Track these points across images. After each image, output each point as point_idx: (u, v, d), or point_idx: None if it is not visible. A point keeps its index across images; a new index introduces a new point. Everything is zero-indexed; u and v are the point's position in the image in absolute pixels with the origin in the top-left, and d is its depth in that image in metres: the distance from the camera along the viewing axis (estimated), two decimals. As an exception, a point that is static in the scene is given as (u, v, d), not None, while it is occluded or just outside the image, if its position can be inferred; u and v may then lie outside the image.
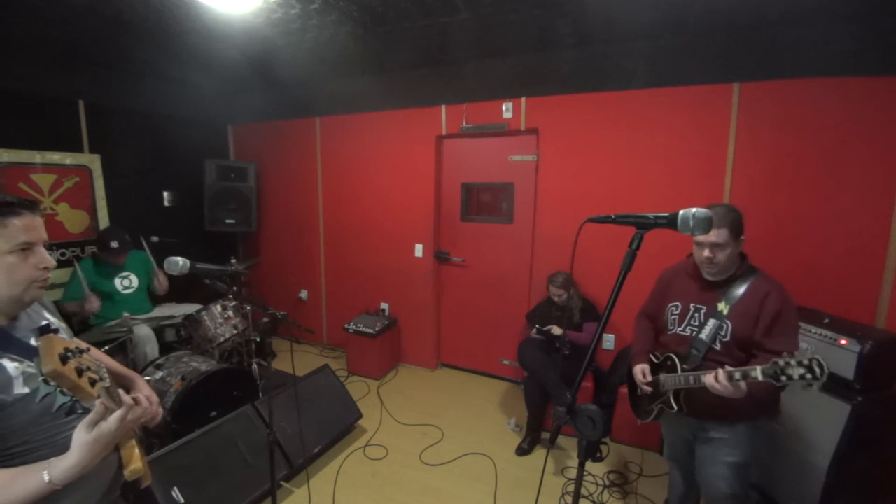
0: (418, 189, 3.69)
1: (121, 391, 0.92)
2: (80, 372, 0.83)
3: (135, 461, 0.97)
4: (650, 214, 1.03)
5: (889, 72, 2.24)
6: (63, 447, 0.96)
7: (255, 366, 3.14)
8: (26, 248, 0.96)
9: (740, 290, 1.52)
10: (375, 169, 3.86)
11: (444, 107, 3.49)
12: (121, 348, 2.71)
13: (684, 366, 1.55)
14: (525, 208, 3.42)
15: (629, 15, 2.31)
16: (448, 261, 3.79)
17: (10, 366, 0.94)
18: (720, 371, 1.37)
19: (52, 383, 0.80)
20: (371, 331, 3.61)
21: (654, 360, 1.71)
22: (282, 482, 2.34)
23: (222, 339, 2.90)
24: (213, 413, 2.40)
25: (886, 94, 2.26)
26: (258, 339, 3.33)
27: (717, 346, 1.53)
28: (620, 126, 2.92)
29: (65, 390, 0.82)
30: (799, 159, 2.50)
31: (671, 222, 0.99)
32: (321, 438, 2.61)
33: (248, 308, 3.03)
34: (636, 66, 2.80)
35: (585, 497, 2.34)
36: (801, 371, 1.18)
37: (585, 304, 2.98)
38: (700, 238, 1.50)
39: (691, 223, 0.97)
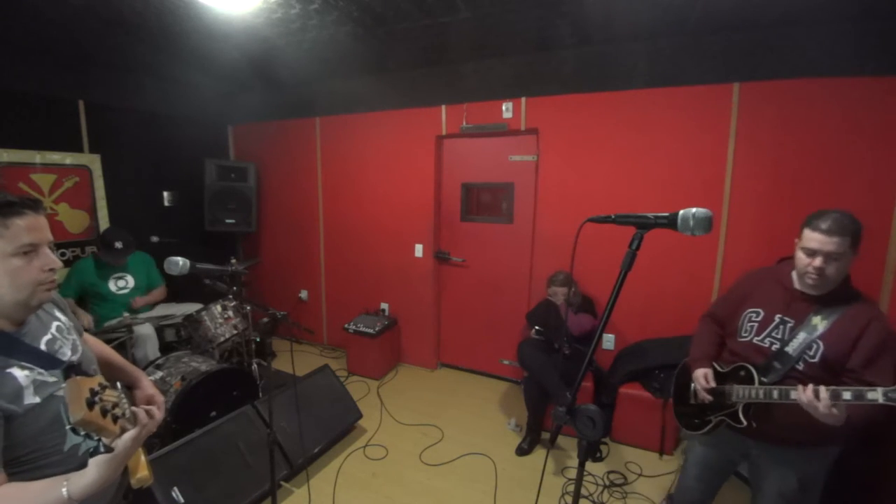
0: (418, 189, 3.69)
1: (137, 410, 0.90)
2: (104, 412, 0.81)
3: (142, 469, 0.97)
4: (650, 214, 1.03)
5: (889, 72, 2.24)
6: (71, 455, 0.95)
7: (255, 366, 3.14)
8: (30, 250, 0.92)
9: (839, 309, 1.34)
10: (375, 169, 3.86)
11: (444, 107, 3.49)
12: (120, 348, 2.71)
13: (763, 378, 1.40)
14: (525, 208, 3.42)
15: (629, 15, 2.31)
16: (448, 261, 3.79)
17: (21, 374, 0.90)
18: (821, 387, 1.20)
19: (81, 431, 0.79)
20: (371, 331, 3.61)
21: (720, 368, 1.56)
22: (282, 482, 2.34)
23: (222, 338, 2.90)
24: (213, 413, 2.40)
25: (886, 94, 2.26)
26: (258, 339, 3.33)
27: (801, 366, 1.36)
28: (620, 126, 2.92)
29: (91, 434, 0.80)
30: (799, 159, 2.50)
31: (671, 222, 0.99)
32: (321, 438, 2.61)
33: (248, 308, 3.03)
34: (636, 66, 2.80)
35: (585, 497, 2.33)
36: None
37: (585, 302, 2.99)
38: (815, 244, 1.31)
39: (691, 223, 0.96)
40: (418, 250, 3.78)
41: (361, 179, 3.94)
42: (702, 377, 1.55)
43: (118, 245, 2.91)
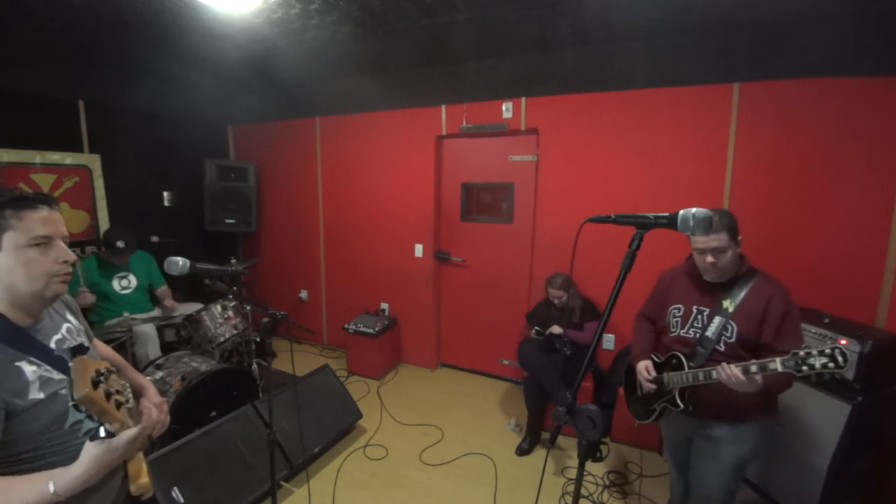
0: (418, 189, 3.69)
1: (141, 408, 0.90)
2: (108, 395, 0.81)
3: (143, 476, 0.97)
4: (650, 214, 1.03)
5: (889, 72, 2.24)
6: (73, 456, 0.94)
7: (255, 366, 3.14)
8: (45, 242, 0.95)
9: (743, 290, 1.53)
10: (375, 169, 3.86)
11: (444, 107, 3.49)
12: (121, 348, 2.71)
13: (691, 363, 1.56)
14: (525, 208, 3.42)
15: (629, 15, 2.31)
16: (448, 261, 3.79)
17: (29, 369, 0.92)
18: (732, 365, 1.38)
19: (83, 409, 0.79)
20: (371, 331, 3.61)
21: (657, 359, 1.71)
22: (282, 482, 2.34)
23: (222, 338, 2.90)
24: (213, 413, 2.40)
25: (886, 94, 2.26)
26: (258, 339, 3.33)
27: (721, 347, 1.53)
28: (620, 126, 2.92)
29: (93, 415, 0.80)
30: (799, 159, 2.50)
31: (671, 222, 0.99)
32: (321, 438, 2.61)
33: (248, 308, 3.02)
34: (636, 66, 2.80)
35: (585, 497, 2.33)
36: (824, 360, 1.21)
37: (585, 304, 2.98)
38: (700, 245, 1.51)
39: (691, 223, 0.97)
40: (418, 250, 3.78)
41: (361, 179, 3.94)
42: (643, 370, 1.70)
43: (120, 244, 2.93)
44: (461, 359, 3.94)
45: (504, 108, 3.28)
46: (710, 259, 1.51)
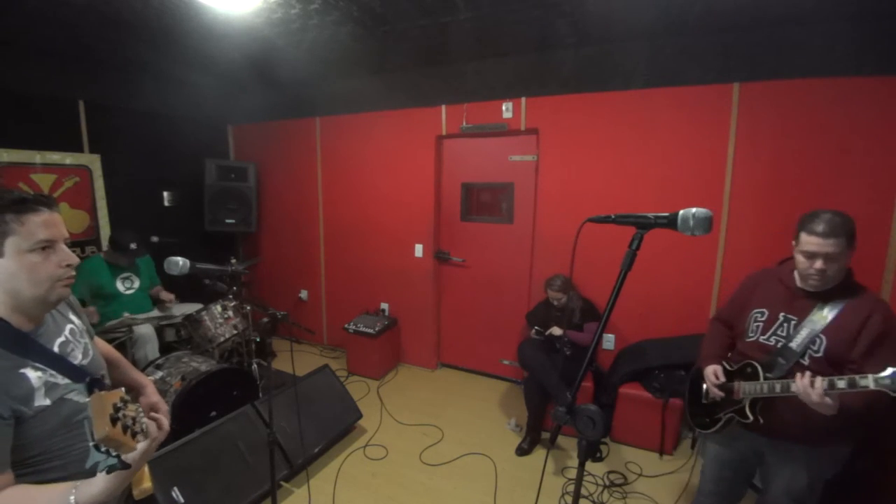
0: (418, 189, 3.69)
1: (149, 423, 0.88)
2: (125, 429, 0.80)
3: (145, 480, 0.97)
4: (650, 214, 1.03)
5: (889, 72, 2.24)
6: (77, 459, 0.94)
7: (255, 366, 3.14)
8: (47, 246, 0.94)
9: (841, 304, 1.38)
10: (375, 169, 3.86)
11: (444, 107, 3.49)
12: (120, 349, 2.70)
13: (768, 374, 1.44)
14: (525, 208, 3.42)
15: (629, 15, 2.31)
16: (448, 261, 3.79)
17: (33, 375, 0.91)
18: (817, 377, 1.24)
19: (103, 448, 0.78)
20: (371, 331, 3.61)
21: (728, 367, 1.59)
22: (282, 482, 2.34)
23: (222, 338, 2.90)
24: (213, 413, 2.40)
25: (886, 94, 2.26)
26: (258, 339, 3.33)
27: (806, 361, 1.39)
28: (620, 126, 2.92)
29: (111, 451, 0.79)
30: (799, 159, 2.50)
31: (671, 222, 0.99)
32: (321, 438, 2.61)
33: (248, 308, 3.02)
34: (636, 66, 2.80)
35: (585, 497, 2.33)
36: None
37: (586, 304, 2.98)
38: (813, 247, 1.34)
39: (691, 223, 0.97)
40: (418, 250, 3.78)
41: (361, 179, 3.94)
42: (711, 374, 1.59)
43: (133, 246, 2.95)
44: (461, 359, 3.94)
45: (504, 108, 3.28)
46: (819, 265, 1.34)
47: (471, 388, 3.63)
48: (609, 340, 3.16)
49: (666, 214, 1.00)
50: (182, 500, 1.88)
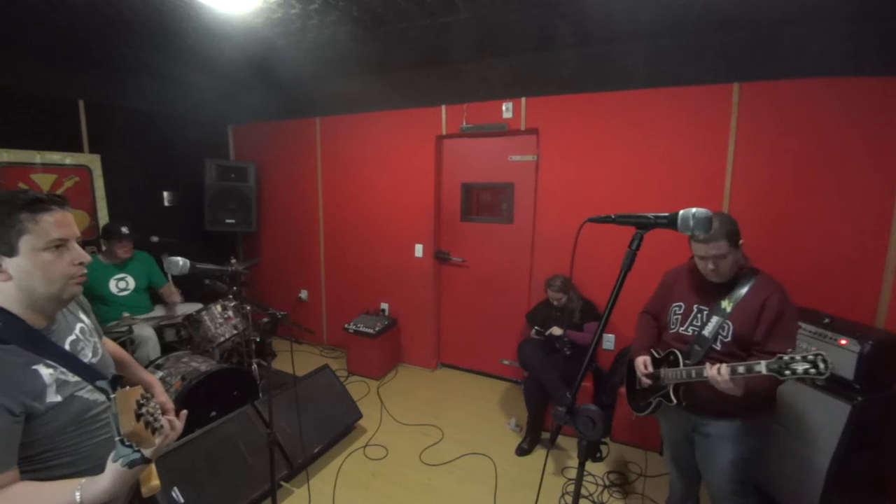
0: (418, 189, 3.69)
1: (164, 422, 0.89)
2: (147, 425, 0.82)
3: (153, 478, 0.97)
4: (650, 214, 1.03)
5: (889, 72, 2.24)
6: (86, 456, 0.95)
7: (255, 366, 3.14)
8: (60, 245, 0.96)
9: (742, 290, 1.55)
10: (375, 169, 3.86)
11: (444, 107, 3.49)
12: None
13: (686, 361, 1.60)
14: (525, 208, 3.42)
15: (629, 15, 2.31)
16: (448, 261, 3.79)
17: (46, 372, 0.92)
18: (723, 365, 1.40)
19: (128, 442, 0.79)
20: (371, 331, 3.61)
21: (656, 355, 1.75)
22: (282, 482, 2.34)
23: (222, 338, 2.90)
24: (213, 413, 2.40)
25: (886, 94, 2.26)
26: (258, 339, 3.33)
27: (718, 346, 1.56)
28: (620, 126, 2.92)
29: (134, 445, 0.80)
30: (799, 159, 2.50)
31: (671, 222, 0.99)
32: (321, 438, 2.61)
33: (248, 308, 3.02)
34: (636, 66, 2.79)
35: (585, 497, 2.33)
36: (806, 366, 1.22)
37: (586, 304, 2.98)
38: (700, 252, 1.54)
39: (691, 223, 0.97)
40: (418, 250, 3.78)
41: (361, 179, 3.94)
42: (641, 364, 1.74)
43: (124, 230, 2.91)
44: (461, 359, 3.94)
45: (504, 108, 3.28)
46: (710, 266, 1.54)
47: (471, 388, 3.63)
48: (609, 340, 3.16)
49: (666, 214, 1.00)
50: (182, 500, 1.88)
